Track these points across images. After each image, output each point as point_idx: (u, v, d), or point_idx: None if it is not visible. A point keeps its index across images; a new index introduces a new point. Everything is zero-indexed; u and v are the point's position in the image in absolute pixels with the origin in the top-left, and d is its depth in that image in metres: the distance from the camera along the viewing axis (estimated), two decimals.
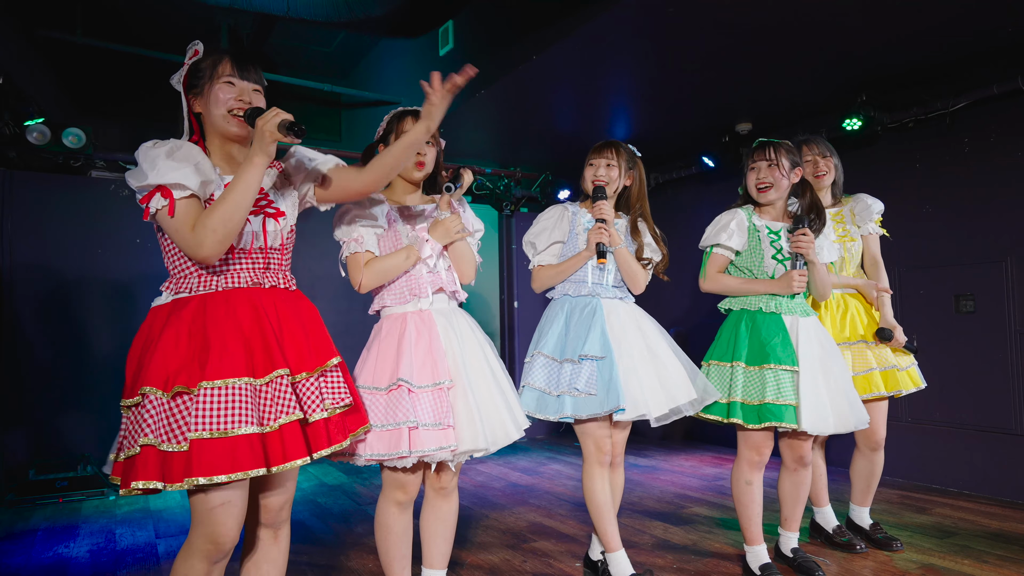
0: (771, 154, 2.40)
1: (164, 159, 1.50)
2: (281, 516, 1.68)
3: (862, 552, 2.73)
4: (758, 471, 2.44)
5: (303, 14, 4.07)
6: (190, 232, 1.50)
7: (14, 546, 3.14)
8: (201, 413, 1.41)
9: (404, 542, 2.02)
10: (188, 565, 1.52)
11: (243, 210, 1.52)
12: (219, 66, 1.62)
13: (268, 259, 1.64)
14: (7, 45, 4.01)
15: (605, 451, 2.30)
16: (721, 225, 2.49)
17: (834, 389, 2.35)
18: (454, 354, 1.96)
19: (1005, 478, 3.60)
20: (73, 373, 4.41)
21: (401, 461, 1.82)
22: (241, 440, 1.41)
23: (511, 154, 5.69)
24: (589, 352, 2.22)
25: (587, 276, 2.39)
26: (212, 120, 1.63)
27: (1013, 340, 3.61)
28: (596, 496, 2.29)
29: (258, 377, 1.49)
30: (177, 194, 1.50)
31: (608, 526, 2.30)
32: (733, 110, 4.53)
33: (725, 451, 5.10)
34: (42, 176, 4.48)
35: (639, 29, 3.31)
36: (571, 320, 2.34)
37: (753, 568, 2.47)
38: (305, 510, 3.63)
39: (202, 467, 1.38)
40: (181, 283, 1.57)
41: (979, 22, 3.20)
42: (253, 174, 1.52)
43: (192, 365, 1.44)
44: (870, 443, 2.78)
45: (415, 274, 2.00)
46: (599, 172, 2.39)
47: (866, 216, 2.79)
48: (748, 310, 2.44)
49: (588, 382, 2.20)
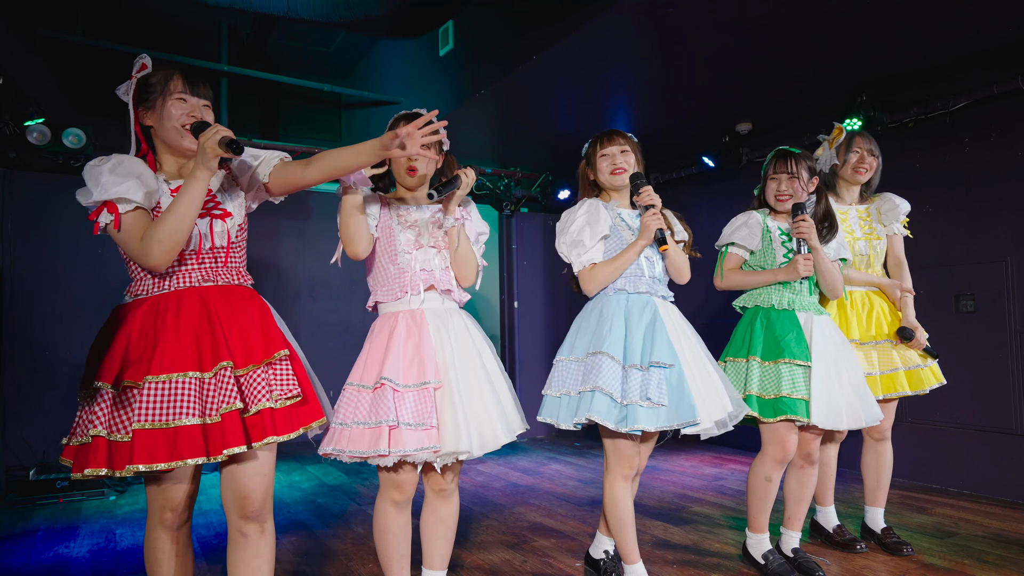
0: (792, 167, 2.48)
1: (107, 175, 1.59)
2: (264, 508, 1.71)
3: (862, 552, 2.73)
4: (780, 468, 2.44)
5: (303, 14, 4.07)
6: (138, 243, 1.59)
7: (15, 546, 3.15)
8: (144, 406, 1.51)
9: (402, 542, 2.02)
10: (154, 537, 1.69)
11: (188, 221, 1.60)
12: (170, 82, 1.69)
13: (216, 258, 1.73)
14: (7, 45, 4.01)
15: (634, 465, 2.19)
16: (737, 225, 2.59)
17: (847, 386, 2.39)
18: (444, 355, 1.94)
19: (1005, 478, 3.60)
20: (73, 373, 4.41)
21: (382, 460, 1.82)
22: (182, 430, 1.51)
23: (511, 154, 5.69)
24: (660, 359, 2.06)
25: (643, 270, 2.22)
26: (165, 134, 1.70)
27: (1013, 340, 3.61)
28: (620, 509, 2.19)
29: (205, 371, 1.57)
30: (122, 208, 1.59)
31: (629, 539, 2.20)
32: (733, 110, 4.53)
33: (725, 451, 5.10)
34: (42, 176, 4.49)
35: (639, 29, 3.31)
36: (631, 321, 2.16)
37: (755, 556, 2.51)
38: (305, 510, 3.63)
39: (143, 456, 1.48)
40: (139, 286, 1.68)
41: (979, 22, 3.20)
42: (197, 187, 1.60)
43: (140, 362, 1.55)
44: (874, 433, 2.79)
45: (407, 270, 1.99)
46: (617, 160, 2.25)
47: (892, 216, 2.79)
48: (762, 307, 2.50)
49: (659, 392, 2.04)
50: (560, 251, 2.31)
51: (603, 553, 2.47)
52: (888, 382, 2.66)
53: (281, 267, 5.30)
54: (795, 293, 2.48)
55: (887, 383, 2.66)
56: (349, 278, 5.49)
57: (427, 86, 4.85)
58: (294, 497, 3.93)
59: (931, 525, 3.14)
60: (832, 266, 2.48)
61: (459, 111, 4.48)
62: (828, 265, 2.46)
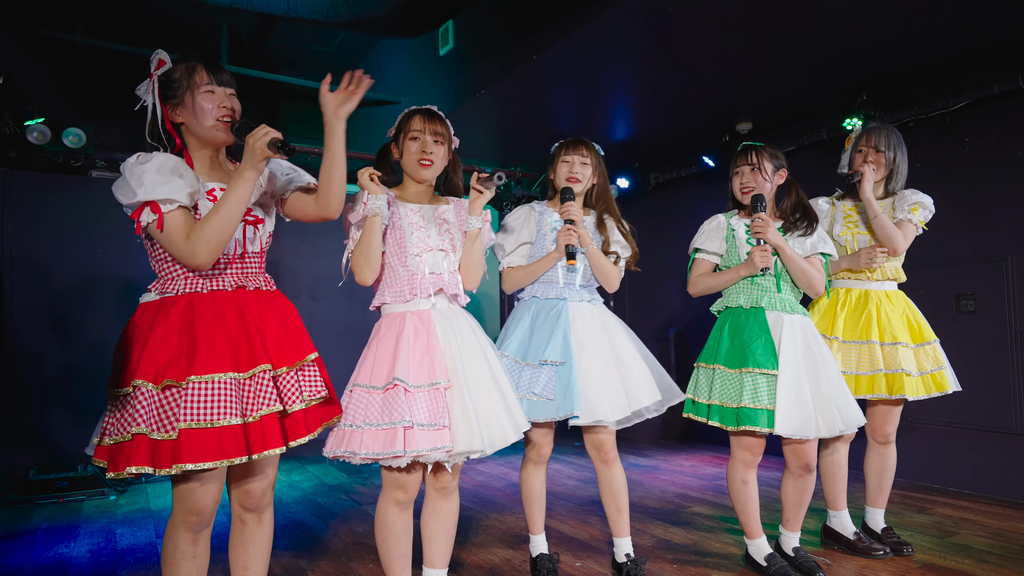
0: (753, 158, 2.47)
1: (152, 174, 1.58)
2: (264, 501, 1.79)
3: (880, 558, 2.65)
4: (752, 470, 2.47)
5: (303, 14, 4.07)
6: (184, 242, 1.59)
7: (15, 546, 3.15)
8: (190, 405, 1.52)
9: (404, 542, 2.02)
10: (176, 538, 1.66)
11: (235, 221, 1.62)
12: (195, 75, 1.68)
13: (249, 263, 1.76)
14: (7, 45, 4.01)
15: (544, 452, 2.44)
16: (701, 232, 2.61)
17: (820, 391, 2.33)
18: (452, 354, 1.95)
19: (1005, 478, 3.60)
20: (73, 373, 4.41)
21: (396, 461, 1.82)
22: (225, 430, 1.53)
23: (511, 154, 5.70)
24: (549, 357, 2.27)
25: (558, 277, 2.43)
26: (198, 130, 1.69)
27: (1013, 340, 3.61)
28: (526, 488, 2.50)
29: (242, 371, 1.59)
30: (165, 208, 1.58)
31: (535, 514, 2.50)
32: (733, 110, 4.53)
33: (725, 451, 5.09)
34: (42, 176, 4.49)
35: (639, 28, 3.31)
36: (536, 323, 2.39)
37: (758, 559, 2.50)
38: (305, 510, 3.63)
39: (191, 454, 1.50)
40: (168, 284, 1.66)
41: (979, 22, 3.20)
42: (244, 188, 1.61)
43: (181, 360, 1.55)
44: (877, 436, 2.77)
45: (417, 272, 1.98)
46: (575, 169, 2.41)
47: (902, 204, 2.71)
48: (732, 309, 2.49)
49: (546, 387, 2.25)
50: None
51: (625, 557, 2.48)
52: (868, 383, 2.61)
53: (282, 267, 5.30)
54: (762, 290, 2.44)
55: (868, 384, 2.61)
56: (350, 278, 5.48)
57: (427, 86, 4.85)
58: (294, 497, 3.93)
59: (931, 525, 3.14)
60: (802, 262, 2.42)
61: (459, 111, 4.48)
62: (797, 261, 2.41)
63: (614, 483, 2.44)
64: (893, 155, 2.73)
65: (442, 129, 2.04)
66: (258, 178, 1.64)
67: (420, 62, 4.97)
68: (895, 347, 2.63)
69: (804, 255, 2.47)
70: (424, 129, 2.01)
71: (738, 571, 2.59)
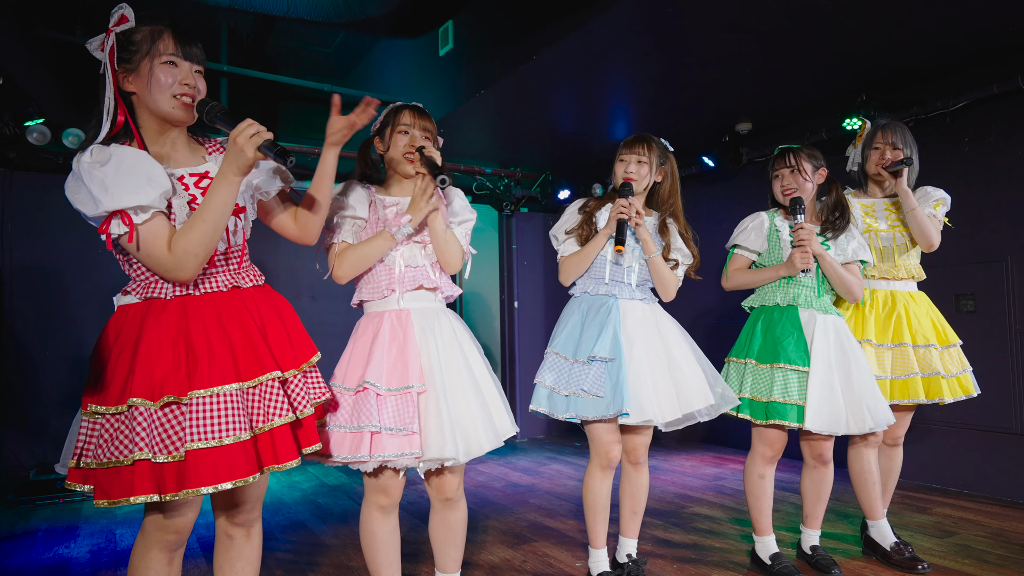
0: (792, 160, 2.48)
1: (114, 176, 1.35)
2: (253, 514, 1.66)
3: (925, 572, 2.51)
4: (770, 465, 2.49)
5: (303, 14, 4.07)
6: (166, 253, 1.40)
7: (15, 546, 3.15)
8: (198, 423, 1.37)
9: (391, 548, 1.95)
10: (149, 558, 1.48)
11: (221, 228, 1.45)
12: (159, 42, 1.44)
13: (235, 257, 1.59)
14: (7, 45, 4.01)
15: (611, 456, 2.30)
16: (742, 228, 2.61)
17: (851, 390, 2.35)
18: (430, 357, 1.89)
19: (1005, 478, 3.60)
20: (73, 373, 4.41)
21: (362, 465, 1.79)
22: (236, 447, 1.39)
23: (511, 154, 5.69)
24: (599, 353, 2.21)
25: (604, 272, 2.36)
26: (152, 104, 1.46)
27: (1013, 340, 3.61)
28: (590, 496, 2.37)
29: (244, 380, 1.44)
30: (139, 218, 1.37)
31: (597, 526, 2.38)
32: (733, 110, 4.53)
33: (725, 451, 5.10)
34: (42, 176, 4.48)
35: (639, 28, 3.31)
36: (586, 319, 2.34)
37: (763, 558, 2.52)
38: (305, 510, 3.63)
39: (200, 477, 1.35)
40: (153, 286, 1.47)
41: (979, 22, 3.20)
42: (229, 192, 1.43)
43: (179, 373, 1.38)
44: (887, 438, 2.74)
45: (394, 267, 1.94)
46: (630, 168, 2.35)
47: (924, 201, 2.68)
48: (766, 306, 2.50)
49: (595, 383, 2.19)
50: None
51: (627, 557, 2.48)
52: (902, 388, 2.54)
53: (281, 267, 5.30)
54: (800, 288, 2.45)
55: (901, 388, 2.54)
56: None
57: (427, 86, 4.85)
58: (294, 497, 3.93)
59: (931, 525, 3.14)
60: (841, 270, 2.43)
61: (459, 111, 4.48)
62: (836, 269, 2.42)
63: (639, 486, 2.43)
64: (910, 152, 2.71)
65: (430, 126, 2.01)
66: (242, 180, 1.45)
67: (420, 63, 4.96)
68: (928, 349, 2.57)
69: (843, 262, 2.47)
70: (414, 124, 1.98)
71: (738, 571, 2.59)
